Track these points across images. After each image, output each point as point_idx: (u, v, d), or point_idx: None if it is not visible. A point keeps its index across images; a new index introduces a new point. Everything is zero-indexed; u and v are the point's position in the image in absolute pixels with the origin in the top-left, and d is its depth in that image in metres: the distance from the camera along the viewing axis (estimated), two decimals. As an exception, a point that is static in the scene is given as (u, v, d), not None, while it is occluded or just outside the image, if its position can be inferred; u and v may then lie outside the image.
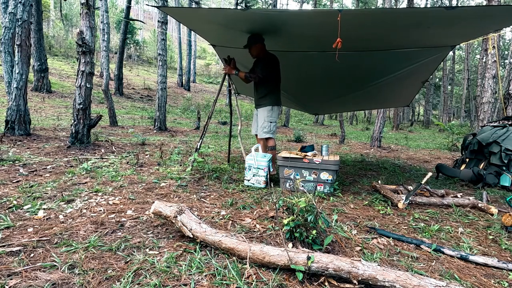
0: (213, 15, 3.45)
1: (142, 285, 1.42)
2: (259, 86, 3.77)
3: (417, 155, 6.87)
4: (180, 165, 4.00)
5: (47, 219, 2.11)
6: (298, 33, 3.45)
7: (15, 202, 2.34)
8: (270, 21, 3.27)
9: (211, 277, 1.51)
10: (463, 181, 3.93)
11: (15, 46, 5.25)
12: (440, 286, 1.32)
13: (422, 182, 2.91)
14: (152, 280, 1.45)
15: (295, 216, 1.78)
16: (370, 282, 1.42)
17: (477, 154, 4.12)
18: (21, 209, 2.25)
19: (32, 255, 1.63)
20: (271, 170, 3.44)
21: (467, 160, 4.29)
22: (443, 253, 1.90)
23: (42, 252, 1.67)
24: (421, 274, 1.59)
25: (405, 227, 2.32)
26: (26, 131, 5.14)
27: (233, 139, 6.29)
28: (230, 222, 2.22)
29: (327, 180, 3.05)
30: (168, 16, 6.48)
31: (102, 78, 11.78)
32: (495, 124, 4.38)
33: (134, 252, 1.72)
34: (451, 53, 23.14)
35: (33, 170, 3.31)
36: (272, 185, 3.21)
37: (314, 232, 1.74)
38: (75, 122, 4.62)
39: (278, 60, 3.71)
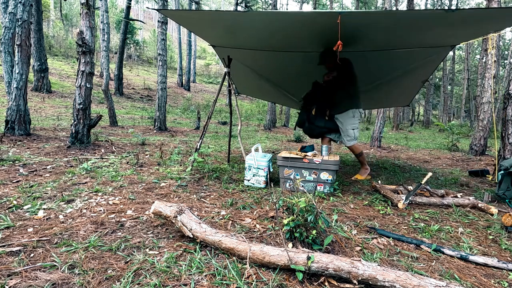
0: (213, 17, 3.45)
1: (142, 285, 1.42)
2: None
3: (417, 155, 6.87)
4: (180, 165, 4.00)
5: (47, 219, 2.11)
6: (299, 34, 3.45)
7: (15, 202, 2.34)
8: (270, 22, 3.26)
9: (211, 277, 1.51)
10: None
11: (15, 46, 5.25)
12: (440, 286, 1.32)
13: (422, 182, 2.91)
14: (152, 280, 1.45)
15: (295, 216, 1.78)
16: (370, 282, 1.43)
17: None
18: (21, 209, 2.25)
19: (32, 255, 1.64)
20: None
21: None
22: (443, 253, 1.90)
23: (42, 252, 1.67)
24: (421, 274, 1.59)
25: (405, 227, 2.32)
26: (26, 131, 5.14)
27: (233, 139, 6.30)
28: (230, 222, 2.22)
29: (327, 180, 3.05)
30: (168, 16, 6.45)
31: (102, 78, 11.79)
32: None
33: (134, 252, 1.72)
34: (451, 53, 23.16)
35: (33, 170, 3.31)
36: (272, 185, 3.21)
37: (314, 232, 1.74)
38: (75, 122, 4.63)
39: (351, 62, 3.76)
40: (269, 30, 3.39)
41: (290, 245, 1.75)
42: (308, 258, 1.50)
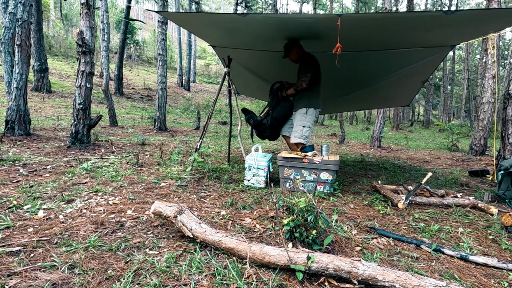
0: (213, 19, 3.45)
1: (142, 285, 1.42)
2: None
3: (417, 155, 6.87)
4: (180, 165, 4.00)
5: (47, 219, 2.11)
6: (298, 34, 3.46)
7: (15, 202, 2.34)
8: (269, 24, 3.27)
9: (211, 277, 1.51)
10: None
11: (15, 46, 5.25)
12: (440, 286, 1.32)
13: (422, 182, 2.91)
14: (152, 280, 1.45)
15: (295, 216, 1.78)
16: (370, 282, 1.42)
17: None
18: (21, 209, 2.25)
19: (32, 255, 1.64)
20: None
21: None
22: (443, 253, 1.90)
23: (42, 252, 1.67)
24: (421, 274, 1.59)
25: (405, 227, 2.32)
26: (26, 131, 5.14)
27: (233, 139, 6.30)
28: (230, 222, 2.22)
29: (327, 180, 3.05)
30: (168, 16, 6.44)
31: (102, 78, 11.79)
32: None
33: (134, 252, 1.72)
34: (451, 53, 23.16)
35: (33, 170, 3.31)
36: (272, 185, 3.21)
37: (314, 232, 1.74)
38: (75, 122, 4.62)
39: (316, 60, 3.60)
40: (268, 30, 3.39)
41: (290, 245, 1.75)
42: (308, 258, 1.50)
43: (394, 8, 10.44)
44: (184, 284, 1.45)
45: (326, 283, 1.50)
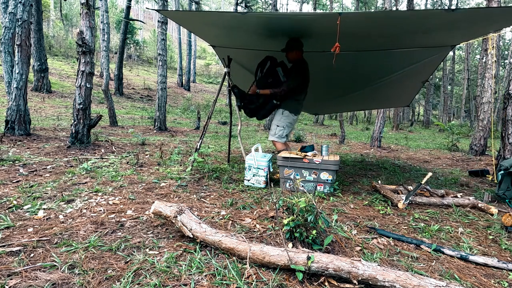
0: (213, 18, 3.45)
1: (142, 285, 1.42)
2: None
3: (417, 155, 6.86)
4: (180, 165, 3.99)
5: (47, 219, 2.11)
6: (298, 34, 3.46)
7: (15, 202, 2.34)
8: (269, 23, 3.27)
9: (211, 277, 1.51)
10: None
11: (15, 46, 5.25)
12: (440, 286, 1.32)
13: (422, 182, 2.91)
14: (152, 280, 1.45)
15: (295, 216, 1.78)
16: (370, 282, 1.43)
17: None
18: (21, 209, 2.25)
19: (32, 255, 1.64)
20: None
21: None
22: (443, 253, 1.90)
23: (42, 252, 1.67)
24: (421, 274, 1.59)
25: (405, 227, 2.32)
26: (26, 131, 5.14)
27: (233, 139, 6.30)
28: (230, 222, 2.22)
29: (327, 180, 3.05)
30: (168, 16, 6.43)
31: (102, 78, 11.79)
32: None
33: (134, 252, 1.72)
34: (451, 53, 23.15)
35: (33, 170, 3.31)
36: (272, 185, 3.21)
37: (314, 232, 1.74)
38: (75, 122, 4.62)
39: (308, 69, 3.65)
40: (268, 30, 3.39)
41: (290, 245, 1.75)
42: (308, 258, 1.50)
43: (394, 8, 10.44)
44: (184, 284, 1.45)
45: (326, 283, 1.50)
